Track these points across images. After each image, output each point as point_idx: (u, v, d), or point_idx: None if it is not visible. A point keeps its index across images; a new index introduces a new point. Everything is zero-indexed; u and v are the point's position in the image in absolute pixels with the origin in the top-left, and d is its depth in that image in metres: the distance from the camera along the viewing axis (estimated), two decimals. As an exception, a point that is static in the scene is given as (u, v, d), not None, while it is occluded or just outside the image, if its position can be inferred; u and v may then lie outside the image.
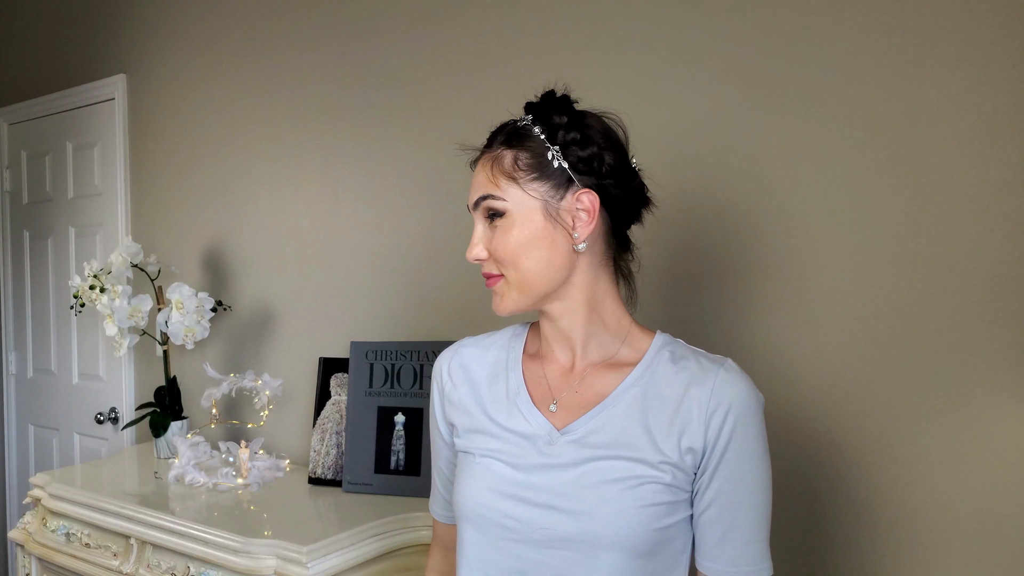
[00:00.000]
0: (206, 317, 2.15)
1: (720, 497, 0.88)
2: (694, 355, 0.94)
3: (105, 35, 2.75)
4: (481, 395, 1.00)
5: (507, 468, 0.93)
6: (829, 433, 1.37)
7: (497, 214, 0.91)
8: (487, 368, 1.02)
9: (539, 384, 0.97)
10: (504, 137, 0.93)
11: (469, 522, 0.94)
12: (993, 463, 1.23)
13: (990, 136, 1.22)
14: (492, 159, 0.92)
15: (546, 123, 0.92)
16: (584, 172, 0.91)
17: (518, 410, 0.96)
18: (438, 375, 1.06)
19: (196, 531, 1.58)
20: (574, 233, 0.90)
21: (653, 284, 1.55)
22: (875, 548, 1.33)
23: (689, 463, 0.88)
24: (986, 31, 1.22)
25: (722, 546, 0.89)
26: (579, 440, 0.91)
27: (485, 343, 1.05)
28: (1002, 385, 1.22)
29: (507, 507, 0.91)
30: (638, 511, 0.86)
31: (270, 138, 2.25)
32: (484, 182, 0.92)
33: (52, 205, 2.97)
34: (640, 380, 0.92)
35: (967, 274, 1.24)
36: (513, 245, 0.90)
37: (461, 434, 1.00)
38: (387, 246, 2.00)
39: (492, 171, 0.92)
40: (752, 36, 1.44)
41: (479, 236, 0.93)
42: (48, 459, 3.03)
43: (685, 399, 0.89)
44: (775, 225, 1.42)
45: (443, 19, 1.87)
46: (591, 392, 0.94)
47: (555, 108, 0.93)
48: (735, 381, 0.90)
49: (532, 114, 0.94)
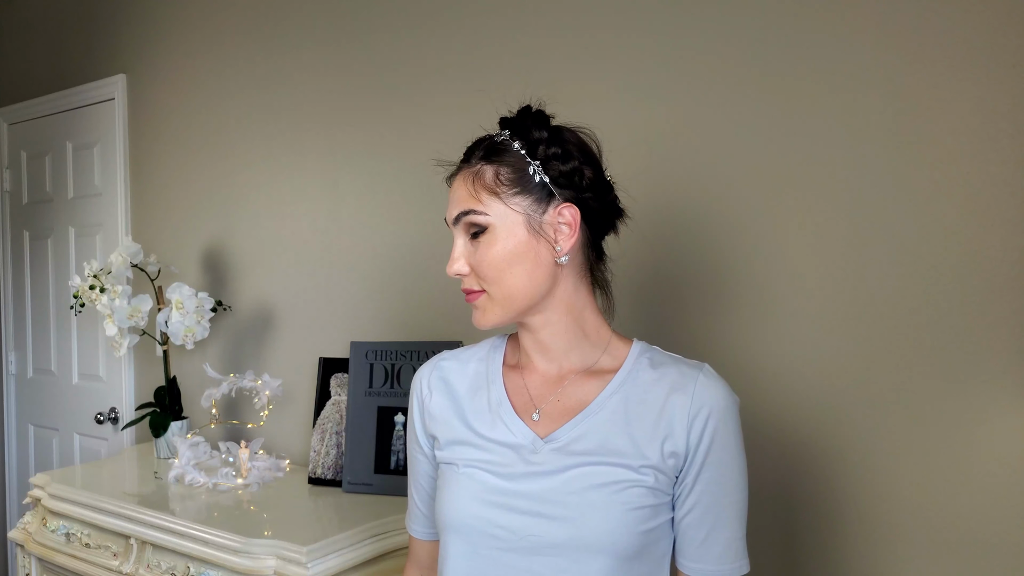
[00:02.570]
0: (206, 317, 2.15)
1: (704, 498, 0.90)
2: (672, 361, 0.96)
3: (105, 35, 2.75)
4: (462, 407, 1.00)
5: (492, 477, 0.93)
6: (828, 433, 1.37)
7: (480, 229, 0.91)
8: (467, 380, 1.02)
9: (521, 394, 0.98)
10: (483, 152, 0.93)
11: (455, 533, 0.94)
12: (992, 463, 1.23)
13: (990, 136, 1.22)
14: (472, 174, 0.92)
15: (524, 138, 0.92)
16: (565, 186, 0.92)
17: (501, 421, 0.96)
18: (417, 389, 1.06)
19: (196, 531, 1.58)
20: (557, 246, 0.92)
21: (634, 294, 1.55)
22: (873, 550, 1.33)
23: (671, 466, 0.90)
24: (986, 31, 1.22)
25: (706, 546, 0.91)
26: (563, 448, 0.92)
27: (464, 356, 1.06)
28: (1001, 385, 1.22)
29: (493, 516, 0.91)
30: (624, 514, 0.87)
31: (270, 138, 2.25)
32: (465, 197, 0.92)
33: (52, 205, 2.97)
34: (621, 387, 0.94)
35: (966, 274, 1.24)
36: (497, 260, 0.91)
37: (443, 446, 1.00)
38: (387, 246, 2.00)
39: (473, 186, 0.92)
40: (740, 37, 1.44)
41: (460, 251, 0.93)
42: (48, 459, 3.04)
43: (667, 404, 0.91)
44: (775, 225, 1.42)
45: (443, 21, 1.87)
46: (573, 400, 0.95)
47: (534, 123, 0.94)
48: (714, 385, 0.92)
49: (509, 129, 0.94)
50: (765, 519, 1.42)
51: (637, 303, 1.56)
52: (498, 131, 0.96)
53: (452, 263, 0.94)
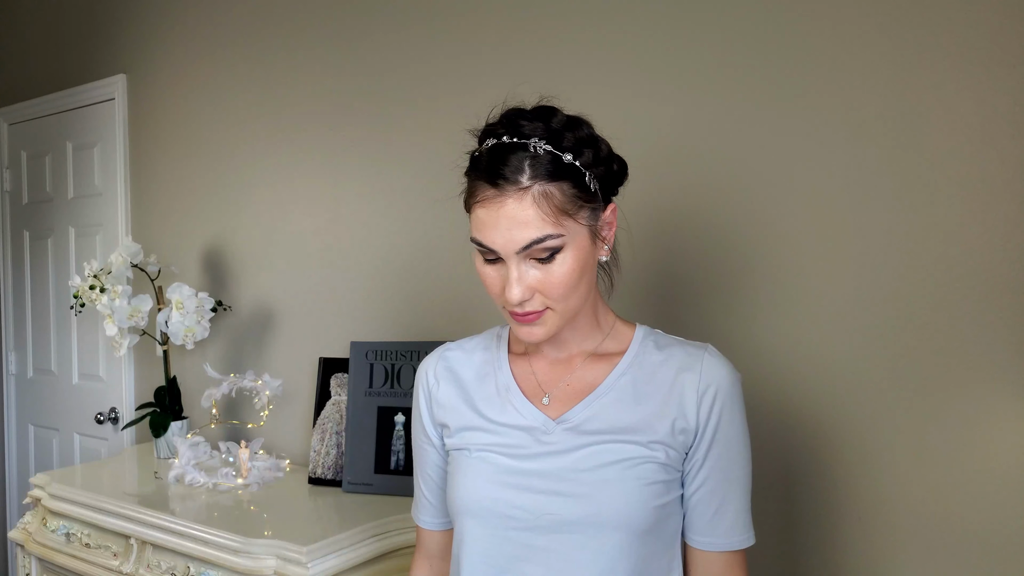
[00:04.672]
0: (206, 317, 2.15)
1: (714, 473, 0.93)
2: (677, 343, 0.98)
3: (105, 35, 2.75)
4: (470, 394, 1.01)
5: (506, 459, 0.94)
6: (827, 433, 1.37)
7: (554, 251, 0.85)
8: (473, 369, 1.03)
9: (529, 380, 0.99)
10: (539, 169, 0.85)
11: (471, 516, 0.94)
12: (992, 463, 1.23)
13: (990, 136, 1.22)
14: (539, 196, 0.84)
15: (559, 143, 0.86)
16: (608, 188, 0.93)
17: (511, 405, 0.97)
18: (423, 379, 1.06)
19: (196, 531, 1.58)
20: (606, 245, 0.93)
21: (649, 286, 1.55)
22: (873, 547, 1.33)
23: (681, 443, 0.92)
24: (986, 31, 1.22)
25: (716, 520, 0.94)
26: (575, 427, 0.93)
27: (468, 346, 1.06)
28: (1001, 385, 1.22)
29: (510, 496, 0.92)
30: (639, 489, 0.89)
31: (270, 138, 2.25)
32: (536, 222, 0.84)
33: (52, 205, 2.97)
34: (630, 369, 0.96)
35: (966, 274, 1.24)
36: (569, 277, 0.87)
37: (453, 433, 1.00)
38: (387, 246, 2.00)
39: (546, 209, 0.84)
40: (743, 37, 1.44)
41: (524, 277, 0.86)
42: (48, 459, 3.04)
43: (675, 383, 0.93)
44: (773, 226, 1.42)
45: (444, 21, 1.87)
46: (583, 383, 0.96)
47: (565, 127, 0.88)
48: (719, 364, 0.94)
49: (544, 138, 0.87)
50: (770, 505, 1.42)
51: (646, 299, 1.56)
52: (520, 138, 0.87)
53: (514, 291, 0.86)
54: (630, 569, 0.89)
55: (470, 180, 0.90)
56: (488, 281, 0.90)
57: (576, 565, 0.89)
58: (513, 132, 0.88)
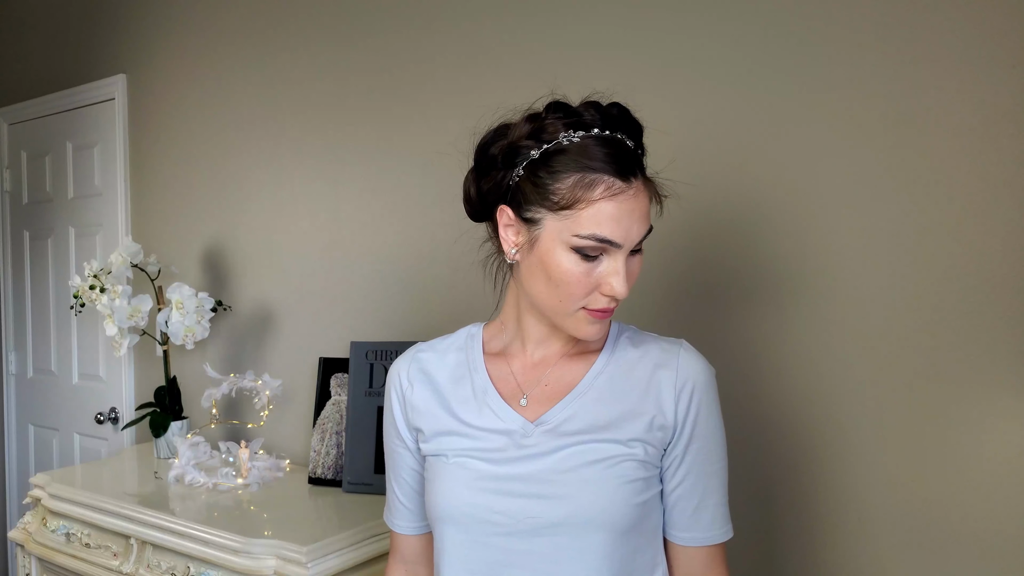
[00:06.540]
0: (206, 317, 2.15)
1: (694, 468, 0.93)
2: (652, 339, 0.98)
3: (105, 35, 2.75)
4: (445, 397, 0.99)
5: (484, 464, 0.93)
6: (826, 433, 1.37)
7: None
8: (447, 370, 1.01)
9: (506, 381, 0.98)
10: (639, 166, 0.89)
11: (451, 523, 0.93)
12: (992, 463, 1.23)
13: (990, 136, 1.22)
14: (647, 191, 0.89)
15: (638, 141, 0.91)
16: None
17: (489, 408, 0.96)
18: (395, 382, 1.03)
19: (196, 531, 1.58)
20: None
21: (664, 290, 1.55)
22: (873, 547, 1.33)
23: (659, 439, 0.92)
24: (986, 31, 1.22)
25: (698, 515, 0.94)
26: (554, 429, 0.92)
27: (441, 347, 1.04)
28: (1002, 385, 1.22)
29: (490, 502, 0.91)
30: (618, 488, 0.89)
31: (270, 138, 2.25)
32: (647, 215, 0.88)
33: (52, 205, 2.97)
34: (607, 367, 0.96)
35: (966, 274, 1.24)
36: (639, 268, 0.91)
37: (428, 438, 0.98)
38: (387, 246, 2.00)
39: (650, 202, 0.90)
40: (750, 38, 1.44)
41: (626, 270, 0.88)
42: (48, 459, 3.04)
43: (652, 380, 0.94)
44: (770, 227, 1.42)
45: (444, 21, 1.87)
46: (561, 383, 0.96)
47: (637, 127, 0.92)
48: (695, 359, 0.95)
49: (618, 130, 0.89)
50: (770, 505, 1.42)
51: (674, 299, 1.56)
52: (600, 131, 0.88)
53: (624, 287, 0.87)
54: (615, 568, 0.89)
55: (578, 173, 0.85)
56: (574, 279, 0.87)
57: (560, 567, 0.89)
58: (616, 127, 0.89)
